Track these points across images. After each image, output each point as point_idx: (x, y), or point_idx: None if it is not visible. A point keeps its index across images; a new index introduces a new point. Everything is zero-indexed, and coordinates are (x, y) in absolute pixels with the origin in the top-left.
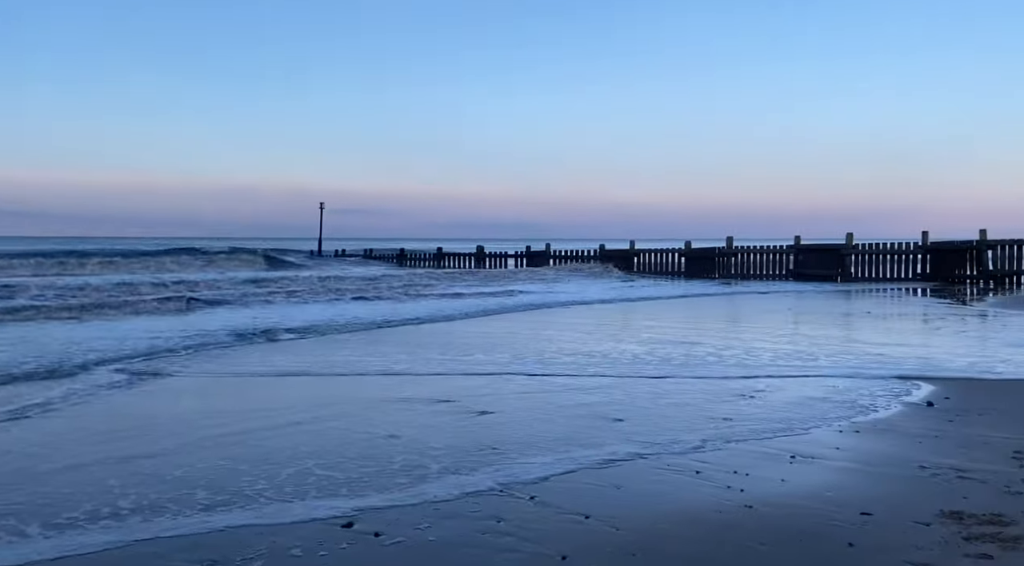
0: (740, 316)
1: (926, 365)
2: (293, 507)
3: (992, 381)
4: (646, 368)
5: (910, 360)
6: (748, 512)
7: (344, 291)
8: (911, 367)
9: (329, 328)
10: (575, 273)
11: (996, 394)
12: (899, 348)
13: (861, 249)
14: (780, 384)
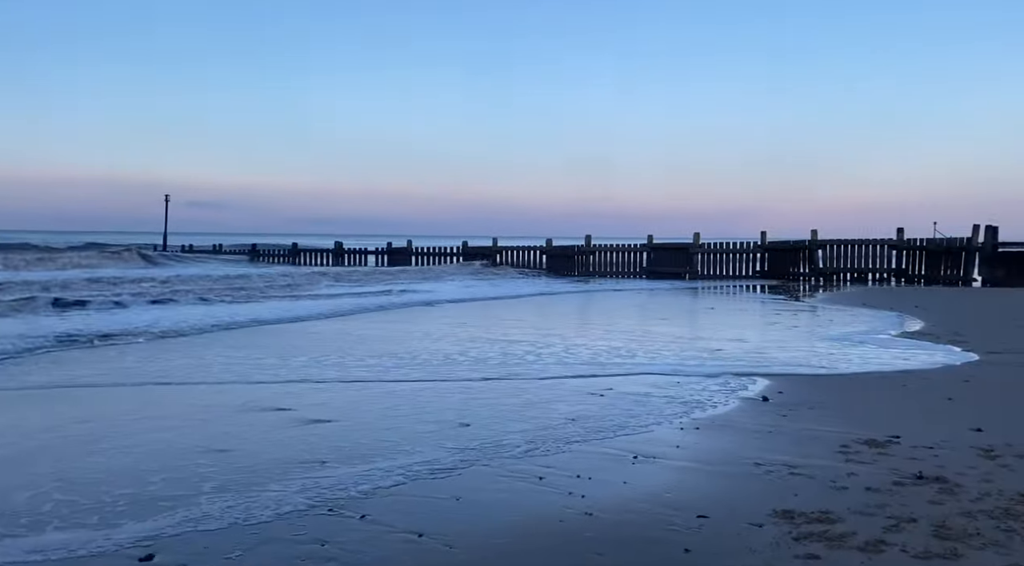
0: (594, 314)
1: (762, 360)
2: (82, 536)
3: (822, 376)
4: (497, 369)
5: (748, 356)
6: (588, 520)
7: (187, 292)
8: (748, 362)
9: (160, 332)
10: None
11: (825, 388)
12: (738, 344)
13: (707, 248)
14: (625, 382)
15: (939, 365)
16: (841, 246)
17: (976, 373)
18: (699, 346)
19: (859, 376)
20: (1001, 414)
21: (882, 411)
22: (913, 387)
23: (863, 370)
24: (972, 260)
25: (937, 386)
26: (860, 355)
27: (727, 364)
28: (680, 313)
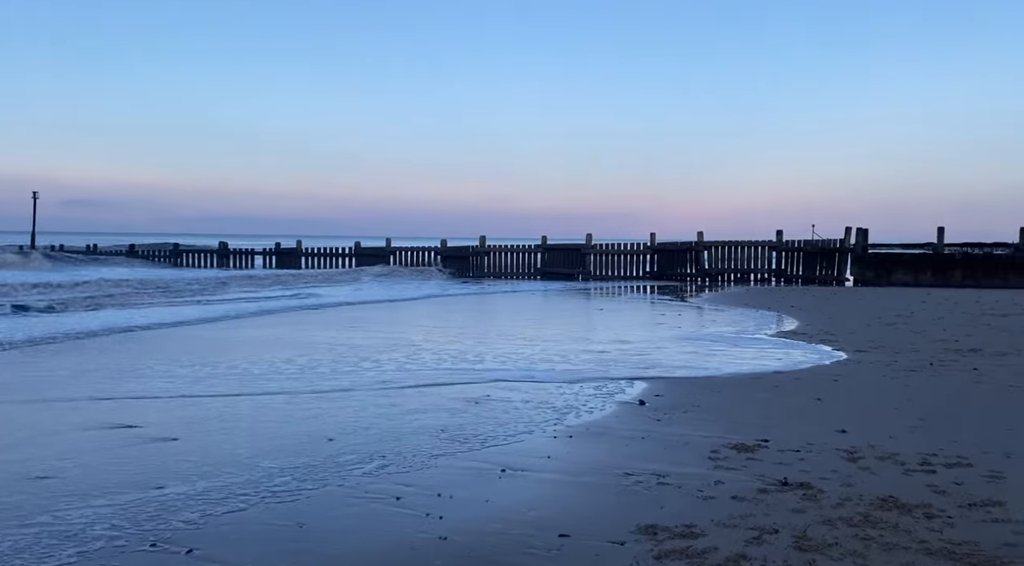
0: (482, 317)
1: (643, 362)
2: None
3: (699, 378)
4: (372, 376)
5: (630, 358)
6: (442, 546)
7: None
8: (630, 365)
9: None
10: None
11: (701, 390)
12: (621, 346)
13: (599, 249)
14: (502, 389)
15: (810, 364)
16: (725, 247)
17: (844, 372)
18: (583, 349)
19: (735, 377)
20: (865, 414)
21: (754, 413)
22: (785, 387)
23: (739, 371)
24: (845, 261)
25: (807, 386)
26: (737, 356)
27: (609, 367)
28: (569, 315)
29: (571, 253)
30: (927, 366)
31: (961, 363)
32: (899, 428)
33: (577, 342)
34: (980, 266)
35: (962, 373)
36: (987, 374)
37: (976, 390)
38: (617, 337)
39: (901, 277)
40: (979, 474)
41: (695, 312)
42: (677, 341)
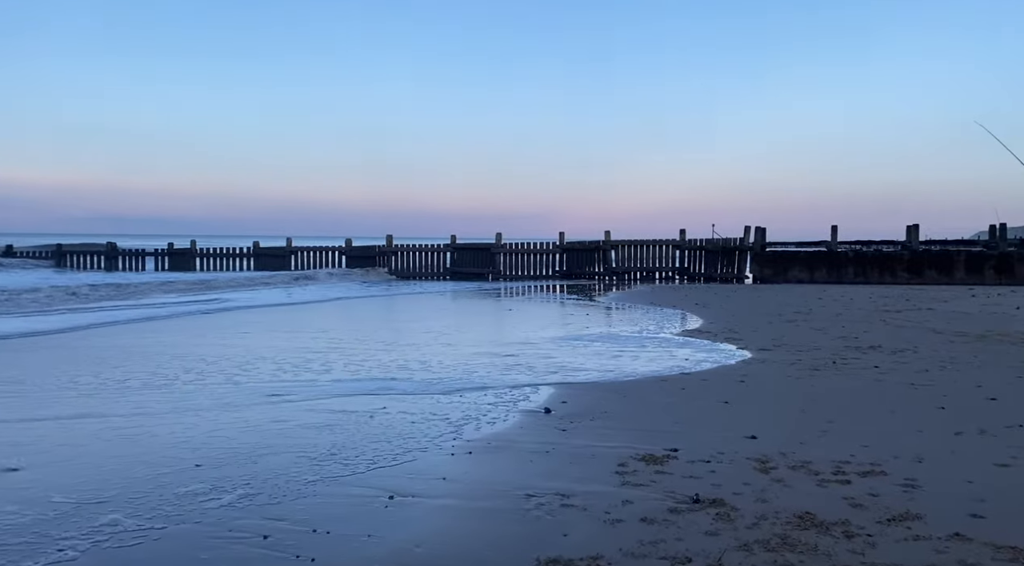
0: (387, 321)
1: (551, 366)
2: None
3: (606, 382)
4: (260, 390)
5: (538, 361)
6: None
7: None
8: (537, 369)
9: None
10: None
11: (609, 395)
12: (529, 349)
13: (509, 248)
14: (401, 401)
15: (716, 365)
16: (631, 247)
17: (750, 372)
18: (488, 353)
19: (642, 380)
20: (774, 418)
21: (662, 419)
22: (692, 390)
23: (647, 373)
24: (744, 259)
25: (714, 388)
26: (644, 356)
27: (514, 372)
28: (475, 317)
29: (481, 253)
30: (830, 365)
31: (862, 361)
32: (809, 432)
33: (482, 345)
34: (871, 263)
35: (864, 371)
36: (888, 372)
37: (879, 389)
38: (524, 339)
39: (797, 274)
40: (894, 483)
41: (603, 311)
42: (584, 342)
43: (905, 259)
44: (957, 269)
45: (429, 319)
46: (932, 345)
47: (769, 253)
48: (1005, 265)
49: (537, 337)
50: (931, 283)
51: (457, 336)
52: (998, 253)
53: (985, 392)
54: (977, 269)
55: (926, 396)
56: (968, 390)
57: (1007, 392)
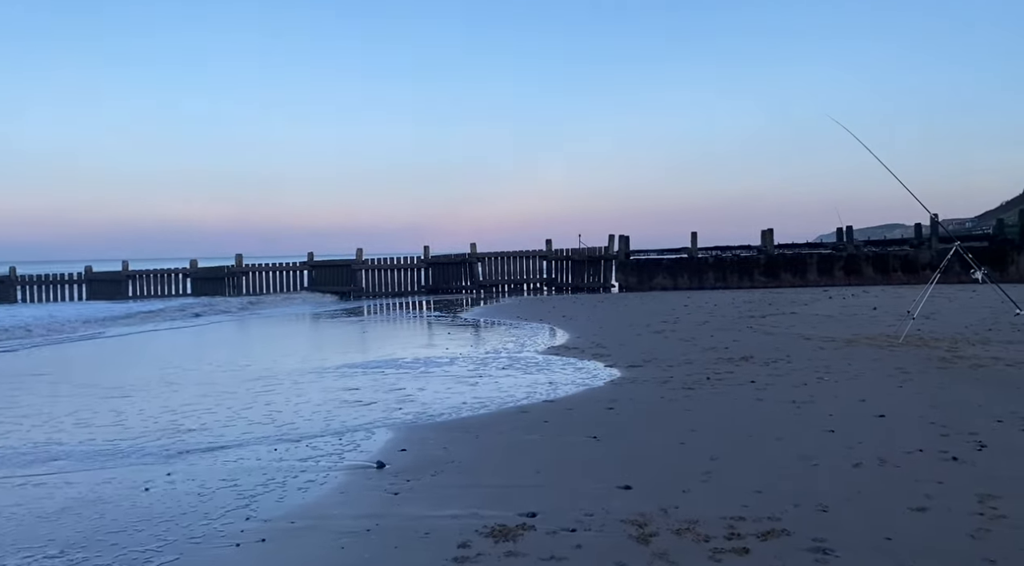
0: (215, 351)
1: (397, 401)
2: None
3: (459, 420)
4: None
5: (383, 396)
6: None
7: None
8: (380, 407)
9: None
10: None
11: (460, 437)
12: (377, 380)
13: (371, 264)
14: (195, 463)
15: (583, 388)
16: (498, 259)
17: (620, 395)
18: (326, 387)
19: (499, 414)
20: (649, 457)
21: (520, 467)
22: (556, 423)
23: (505, 403)
24: (610, 267)
25: (581, 419)
26: (505, 382)
27: (351, 411)
28: (323, 342)
29: (341, 270)
30: (704, 381)
31: (737, 375)
32: (691, 475)
33: (319, 378)
34: (730, 268)
35: (741, 388)
36: (766, 388)
37: (761, 410)
38: (371, 365)
39: (662, 281)
40: (801, 548)
41: (465, 329)
42: (440, 366)
43: (762, 263)
44: (810, 271)
45: (265, 347)
46: (804, 353)
47: (633, 261)
48: (853, 266)
49: (386, 362)
50: (787, 285)
51: (292, 365)
52: (846, 254)
53: (870, 408)
54: (828, 271)
55: (811, 416)
56: (852, 406)
57: (892, 407)
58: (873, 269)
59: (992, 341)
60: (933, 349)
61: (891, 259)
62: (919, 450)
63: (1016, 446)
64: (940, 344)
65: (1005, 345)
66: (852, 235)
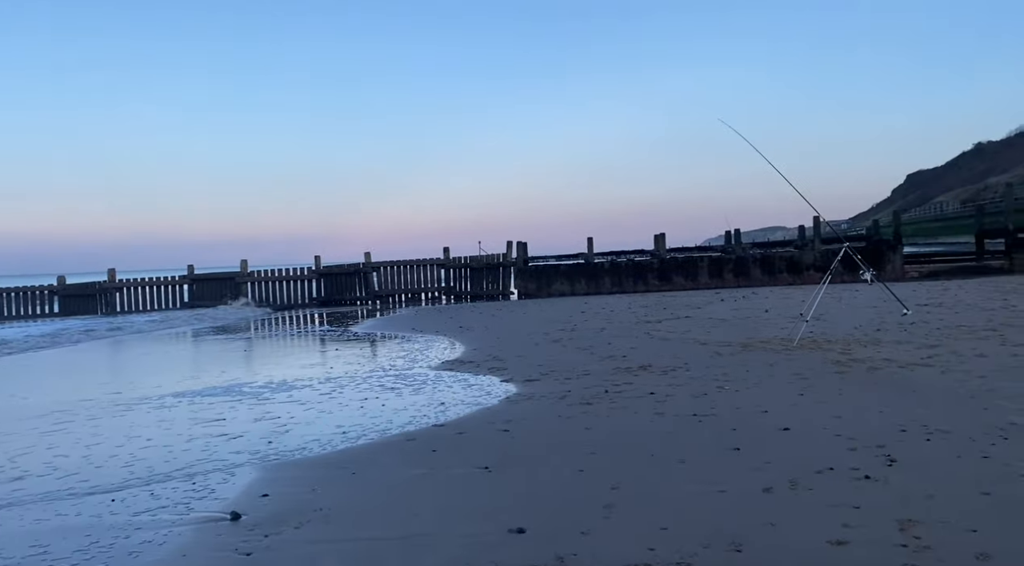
0: (70, 377)
1: (264, 430)
2: None
3: (335, 453)
4: None
5: (252, 427)
6: None
7: None
8: (247, 440)
9: None
10: None
11: (331, 474)
12: (248, 408)
13: (258, 276)
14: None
15: (476, 408)
16: (394, 268)
17: (515, 415)
18: (193, 418)
19: (382, 444)
20: (545, 489)
21: (399, 511)
22: (444, 452)
23: (388, 431)
24: (508, 274)
25: (472, 446)
26: (391, 404)
27: (210, 446)
28: (194, 364)
29: (224, 283)
30: (603, 395)
31: (636, 386)
32: (591, 510)
33: (179, 405)
34: (625, 273)
35: (640, 401)
36: (666, 400)
37: (662, 427)
38: (242, 388)
39: (560, 287)
40: None
41: (355, 344)
42: (320, 389)
43: (656, 267)
44: (701, 274)
45: (126, 371)
46: (701, 360)
47: (532, 267)
48: (742, 268)
49: (259, 384)
50: (680, 289)
51: (150, 390)
52: (735, 257)
53: (774, 420)
54: (718, 273)
55: (714, 432)
56: (755, 418)
57: (796, 418)
58: (761, 271)
59: (883, 341)
60: (827, 352)
61: (777, 260)
62: (829, 468)
63: (923, 458)
64: (833, 346)
65: (895, 345)
66: (740, 238)
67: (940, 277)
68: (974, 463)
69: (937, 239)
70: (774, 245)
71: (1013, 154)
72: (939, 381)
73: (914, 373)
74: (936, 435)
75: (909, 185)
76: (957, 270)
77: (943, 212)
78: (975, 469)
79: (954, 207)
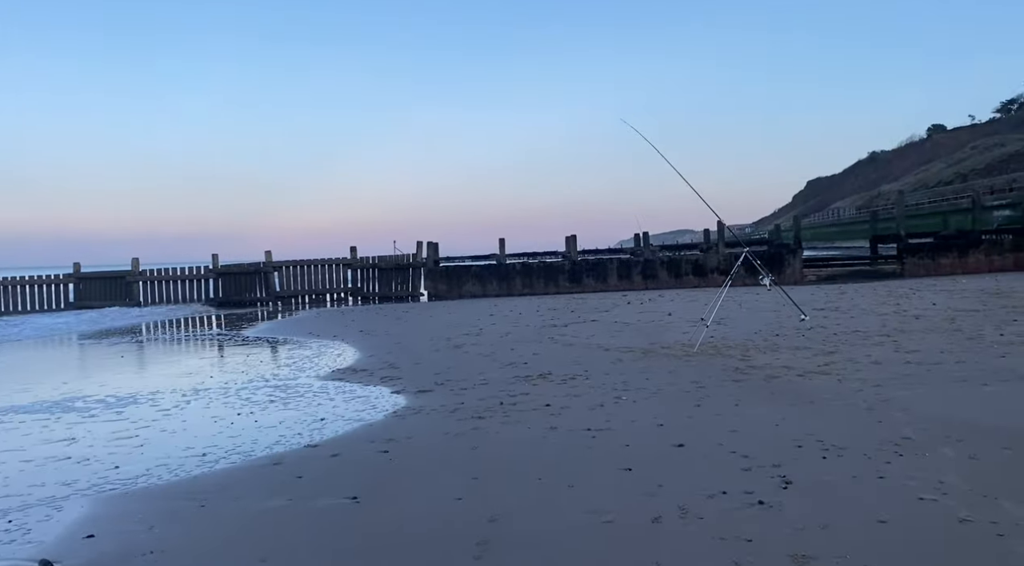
0: None
1: (111, 451)
2: None
3: (183, 481)
4: None
5: (95, 446)
6: None
7: None
8: (85, 461)
9: None
10: None
11: (177, 508)
12: (96, 417)
13: (150, 275)
14: None
15: (358, 424)
16: (297, 267)
17: (399, 433)
18: (23, 438)
19: (243, 469)
20: (414, 525)
21: (242, 553)
22: (312, 479)
23: (254, 452)
24: (419, 275)
25: (345, 472)
26: (266, 420)
27: (47, 474)
28: (52, 372)
29: (114, 282)
30: (497, 408)
31: (532, 396)
32: (462, 550)
33: (27, 422)
34: (537, 274)
35: (535, 414)
36: (561, 412)
37: (554, 444)
38: (101, 404)
39: (471, 288)
40: None
41: (243, 349)
42: (190, 402)
43: (566, 269)
44: (611, 276)
45: None
46: (602, 366)
47: (443, 268)
48: (650, 271)
49: (121, 396)
50: (590, 291)
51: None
52: (643, 260)
53: (669, 435)
54: (627, 275)
55: (606, 449)
56: (650, 432)
57: (691, 432)
58: (668, 273)
59: (781, 347)
60: (727, 358)
61: (683, 263)
62: (723, 492)
63: (819, 479)
64: (733, 352)
65: (793, 351)
66: (649, 241)
67: (837, 281)
68: (870, 484)
69: (834, 243)
70: (681, 248)
71: (904, 163)
72: (836, 390)
73: (811, 382)
74: (832, 452)
75: (809, 191)
76: (853, 274)
77: (840, 218)
78: (872, 492)
79: (850, 213)
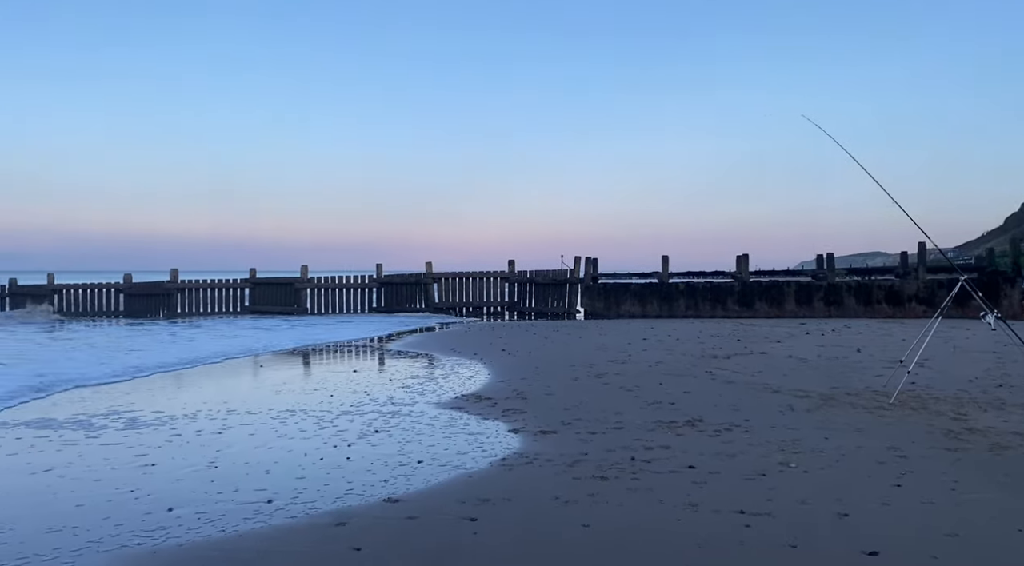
0: None
1: (170, 497)
2: None
3: (233, 538)
4: None
5: (165, 485)
6: None
7: None
8: (115, 509)
9: None
10: None
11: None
12: (166, 450)
13: (317, 283)
14: None
15: (455, 473)
16: (455, 279)
17: (496, 492)
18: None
19: (299, 529)
20: None
21: None
22: (373, 552)
23: (319, 506)
24: (575, 292)
25: (415, 543)
26: (355, 458)
27: (87, 518)
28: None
29: (284, 288)
30: (627, 464)
31: (673, 452)
32: None
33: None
34: (702, 295)
35: (673, 478)
36: (707, 481)
37: (689, 530)
38: (173, 422)
39: (630, 308)
40: None
41: (375, 364)
42: (285, 422)
43: (736, 291)
44: (787, 301)
45: None
46: (768, 415)
47: (600, 286)
48: (834, 296)
49: (212, 413)
50: (762, 316)
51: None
52: (827, 284)
53: (854, 532)
54: (807, 301)
55: (763, 547)
56: (827, 524)
57: (887, 530)
58: (856, 300)
59: (1008, 404)
60: (935, 415)
61: (875, 290)
62: None
63: None
64: (943, 407)
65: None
66: (833, 263)
67: None
68: None
69: None
70: (872, 272)
71: None
72: None
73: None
74: None
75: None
76: None
77: None
78: None
79: None
